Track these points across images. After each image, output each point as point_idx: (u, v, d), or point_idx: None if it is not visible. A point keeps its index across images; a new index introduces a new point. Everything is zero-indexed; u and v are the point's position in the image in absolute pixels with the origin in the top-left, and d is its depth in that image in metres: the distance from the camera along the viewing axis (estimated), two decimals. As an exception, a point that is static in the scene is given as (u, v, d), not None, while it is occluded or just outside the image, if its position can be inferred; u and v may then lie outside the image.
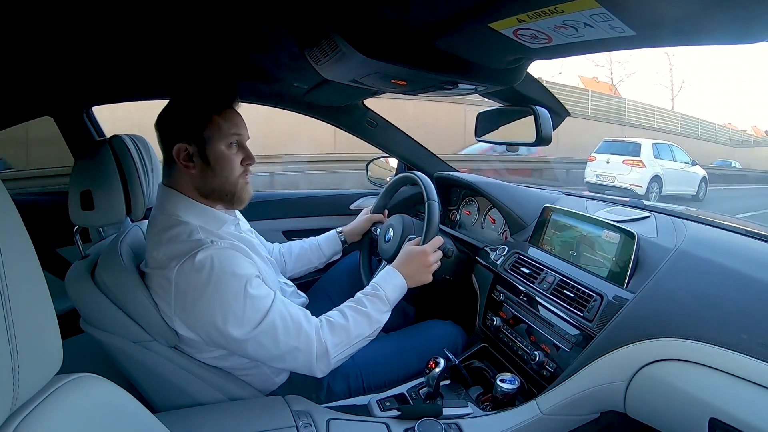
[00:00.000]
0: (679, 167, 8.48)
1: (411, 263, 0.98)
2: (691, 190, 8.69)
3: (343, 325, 0.85)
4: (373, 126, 1.54)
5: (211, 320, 0.75)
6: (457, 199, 1.52)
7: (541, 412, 0.82)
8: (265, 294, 0.79)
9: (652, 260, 0.81)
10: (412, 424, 0.77)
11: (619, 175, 7.86)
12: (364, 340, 0.87)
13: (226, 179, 0.85)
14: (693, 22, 0.48)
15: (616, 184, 7.78)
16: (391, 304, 0.93)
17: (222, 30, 0.78)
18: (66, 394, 0.41)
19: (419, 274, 0.98)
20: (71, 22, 0.69)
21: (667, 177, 8.04)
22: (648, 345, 0.71)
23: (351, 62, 0.70)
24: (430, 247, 1.00)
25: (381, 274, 0.97)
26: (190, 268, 0.75)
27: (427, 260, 0.98)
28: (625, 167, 7.88)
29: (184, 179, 0.85)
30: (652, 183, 7.82)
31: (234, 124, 0.85)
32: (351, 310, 0.88)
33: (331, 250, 1.23)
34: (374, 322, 0.88)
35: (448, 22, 0.61)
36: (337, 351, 0.83)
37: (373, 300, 0.90)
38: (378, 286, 0.93)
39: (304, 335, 0.80)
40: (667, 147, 8.62)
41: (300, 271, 1.21)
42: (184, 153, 0.82)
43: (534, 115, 1.01)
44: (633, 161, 7.87)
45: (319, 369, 0.82)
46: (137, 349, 0.81)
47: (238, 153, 0.86)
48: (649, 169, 7.85)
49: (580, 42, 0.56)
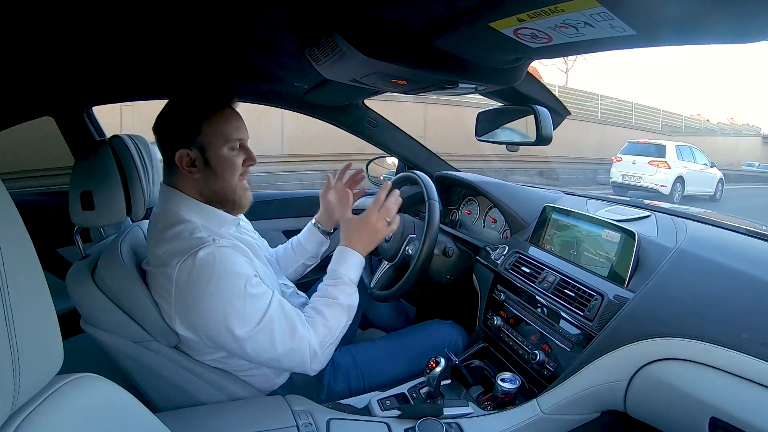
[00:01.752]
0: (699, 168, 8.75)
1: (358, 234, 0.96)
2: (709, 190, 8.96)
3: (322, 322, 0.86)
4: (373, 126, 1.54)
5: (213, 318, 0.75)
6: (458, 198, 1.52)
7: (542, 411, 0.82)
8: (263, 293, 0.80)
9: (653, 259, 0.81)
10: (412, 424, 0.77)
11: (645, 175, 8.09)
12: (344, 327, 0.89)
13: (228, 183, 0.85)
14: (693, 22, 0.48)
15: (642, 184, 8.01)
16: (356, 282, 0.93)
17: (222, 30, 0.78)
18: (66, 394, 0.41)
19: (371, 240, 0.96)
20: (71, 22, 0.69)
21: (688, 178, 8.32)
22: (649, 344, 0.71)
23: (351, 62, 0.70)
24: (371, 211, 0.97)
25: (335, 257, 0.95)
26: (191, 265, 0.75)
27: (373, 225, 0.96)
28: (651, 168, 8.10)
29: (187, 183, 0.84)
30: (676, 183, 8.10)
31: (235, 126, 0.84)
32: (325, 306, 0.88)
33: (312, 244, 1.18)
34: (347, 308, 0.89)
35: (449, 22, 0.61)
36: (324, 347, 0.84)
37: (339, 288, 0.90)
38: (338, 273, 0.92)
39: (299, 336, 0.80)
40: (688, 149, 8.89)
41: (290, 271, 1.18)
42: (187, 158, 0.82)
43: (534, 114, 1.01)
44: (659, 162, 8.12)
45: (312, 368, 0.83)
46: (138, 349, 0.81)
47: (239, 154, 0.86)
48: (673, 170, 8.11)
49: (581, 41, 0.56)
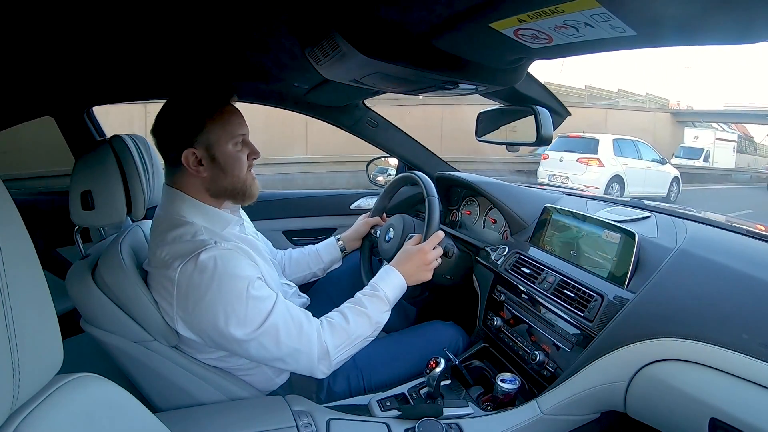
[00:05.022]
0: (645, 166, 7.47)
1: (410, 262, 0.98)
2: (661, 191, 7.68)
3: (343, 326, 0.85)
4: (373, 126, 1.54)
5: (213, 321, 0.75)
6: (458, 199, 1.52)
7: (542, 412, 0.82)
8: (267, 295, 0.79)
9: (653, 260, 0.81)
10: (412, 424, 0.77)
11: (573, 175, 6.86)
12: (365, 340, 0.88)
13: (237, 177, 0.86)
14: (694, 22, 0.48)
15: (570, 185, 6.55)
16: (391, 303, 0.93)
17: (222, 30, 0.78)
18: (66, 394, 0.41)
19: (418, 272, 0.98)
20: (72, 22, 0.69)
21: (631, 177, 7.11)
22: (648, 345, 0.71)
23: (351, 62, 0.70)
24: (429, 244, 0.99)
25: (380, 273, 0.97)
26: (192, 268, 0.75)
27: (426, 258, 0.98)
28: (579, 166, 6.85)
29: (193, 182, 0.85)
30: (612, 183, 6.94)
31: (237, 123, 0.85)
32: (351, 311, 0.88)
33: (329, 257, 1.22)
34: (374, 323, 0.88)
35: (449, 22, 0.61)
36: (338, 352, 0.83)
37: (372, 300, 0.90)
38: (377, 286, 0.93)
39: (306, 337, 0.80)
40: (631, 143, 7.52)
41: (298, 277, 1.20)
42: (193, 158, 0.82)
43: (534, 114, 1.01)
44: (589, 159, 6.85)
45: (320, 370, 0.82)
46: (138, 348, 0.81)
47: (243, 149, 0.86)
48: (608, 168, 6.89)
49: (581, 42, 0.56)
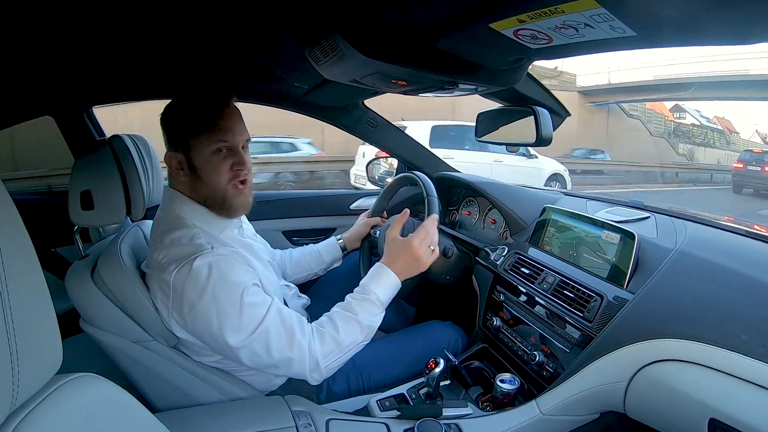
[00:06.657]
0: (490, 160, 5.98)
1: (400, 258, 0.91)
2: None
3: (332, 335, 0.82)
4: (373, 126, 1.54)
5: (207, 326, 0.76)
6: (458, 199, 1.52)
7: (541, 412, 0.82)
8: (261, 302, 0.79)
9: (652, 261, 0.81)
10: (411, 425, 0.77)
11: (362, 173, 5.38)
12: (358, 345, 0.85)
13: (214, 187, 0.82)
14: (693, 23, 0.48)
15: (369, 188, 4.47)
16: (384, 305, 0.89)
17: (222, 30, 0.78)
18: (66, 394, 0.41)
19: (411, 266, 0.91)
20: (72, 22, 0.69)
21: None
22: (648, 345, 0.71)
23: (351, 62, 0.70)
24: (417, 238, 0.92)
25: (371, 272, 0.91)
26: (187, 273, 0.75)
27: (415, 252, 0.91)
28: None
29: (181, 186, 0.85)
30: None
31: (224, 129, 0.81)
32: (341, 319, 0.84)
33: (330, 257, 1.22)
34: (366, 328, 0.85)
35: (449, 23, 0.61)
36: (328, 361, 0.81)
37: (363, 304, 0.86)
38: (368, 289, 0.88)
39: (297, 345, 0.79)
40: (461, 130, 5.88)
41: (299, 277, 1.21)
42: (175, 162, 0.82)
43: (534, 115, 1.01)
44: None
45: (313, 378, 0.82)
46: (137, 348, 0.81)
47: (226, 158, 0.82)
48: None
49: (581, 42, 0.56)
